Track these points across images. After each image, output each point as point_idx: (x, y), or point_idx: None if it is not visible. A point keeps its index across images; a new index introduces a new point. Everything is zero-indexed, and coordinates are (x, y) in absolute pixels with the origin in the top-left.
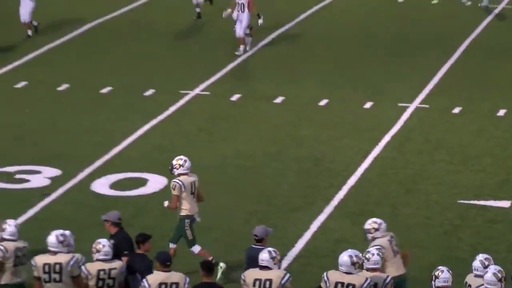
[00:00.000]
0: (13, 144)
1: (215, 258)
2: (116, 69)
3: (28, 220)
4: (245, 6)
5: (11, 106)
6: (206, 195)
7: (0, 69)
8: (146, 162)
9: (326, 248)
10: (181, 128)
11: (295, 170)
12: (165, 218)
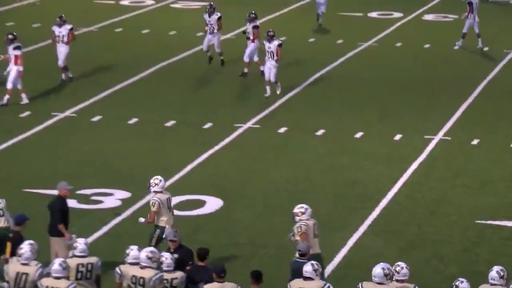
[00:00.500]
0: (90, 170)
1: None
2: (179, 105)
3: (102, 236)
4: (274, 54)
5: (89, 137)
6: (259, 216)
7: (79, 105)
8: (204, 186)
9: (360, 262)
10: (235, 157)
11: (334, 194)
12: (220, 235)
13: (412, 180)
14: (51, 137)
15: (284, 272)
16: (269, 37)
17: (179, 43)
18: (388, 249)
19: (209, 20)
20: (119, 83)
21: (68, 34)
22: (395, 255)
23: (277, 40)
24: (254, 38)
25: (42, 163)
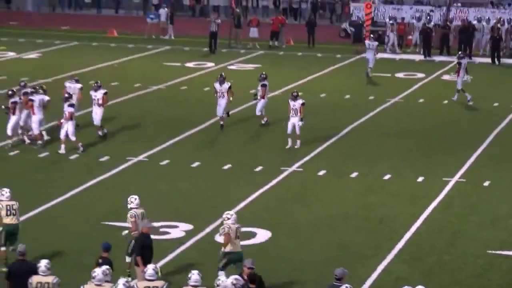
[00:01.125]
0: (159, 206)
1: None
2: (235, 151)
3: (168, 262)
4: (298, 111)
5: (158, 178)
6: (302, 246)
7: (150, 151)
8: (255, 220)
9: (388, 285)
10: (281, 195)
11: (365, 227)
12: (269, 262)
13: (432, 216)
14: (126, 178)
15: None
16: (293, 96)
17: (234, 100)
18: (411, 274)
19: (220, 89)
20: (184, 133)
21: (102, 97)
22: (417, 280)
23: (301, 99)
24: (263, 95)
25: (118, 200)
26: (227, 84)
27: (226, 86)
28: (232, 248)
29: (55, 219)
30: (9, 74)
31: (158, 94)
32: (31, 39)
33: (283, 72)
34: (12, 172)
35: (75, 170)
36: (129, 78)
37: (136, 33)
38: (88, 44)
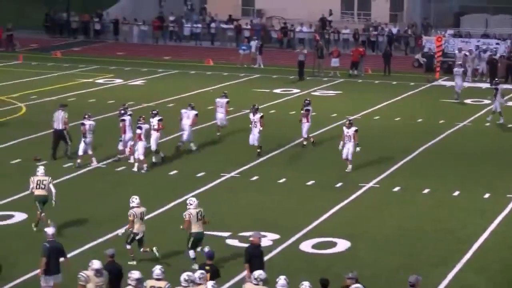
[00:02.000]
0: (250, 217)
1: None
2: (320, 167)
3: None
4: (351, 137)
5: (249, 192)
6: (378, 255)
7: (240, 168)
8: (335, 231)
9: None
10: (359, 209)
11: (436, 238)
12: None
13: (498, 228)
14: (221, 192)
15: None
16: (348, 124)
17: (314, 123)
18: (478, 281)
19: (253, 118)
20: (272, 151)
21: (158, 124)
22: (484, 287)
23: (354, 127)
24: (307, 119)
25: (212, 212)
26: (259, 114)
27: (258, 116)
28: (195, 229)
29: (157, 228)
30: (116, 99)
31: (247, 118)
32: (137, 68)
33: (362, 98)
34: (116, 184)
35: (174, 185)
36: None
37: (230, 62)
38: (187, 72)
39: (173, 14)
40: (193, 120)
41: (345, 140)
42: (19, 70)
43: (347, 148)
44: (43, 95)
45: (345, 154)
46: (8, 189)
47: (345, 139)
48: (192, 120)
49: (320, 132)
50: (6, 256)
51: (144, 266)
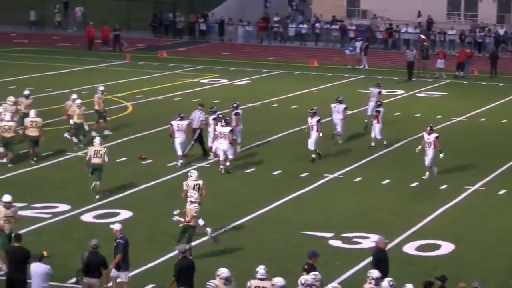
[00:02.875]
0: (352, 218)
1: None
2: (421, 171)
3: (359, 270)
4: (431, 144)
5: (351, 193)
6: (483, 257)
7: (344, 169)
8: (440, 233)
9: None
10: (464, 211)
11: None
12: (452, 271)
13: None
14: (324, 192)
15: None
16: (429, 131)
17: (420, 124)
18: None
19: (311, 122)
20: (376, 152)
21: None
22: None
23: (435, 133)
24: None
25: (315, 212)
26: (316, 117)
27: (315, 120)
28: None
29: (256, 229)
30: (221, 98)
31: (354, 117)
32: (241, 68)
33: (467, 100)
34: (218, 186)
35: (277, 185)
36: (327, 103)
37: (334, 63)
38: (291, 72)
39: (278, 14)
40: (343, 114)
41: (426, 146)
42: (125, 69)
43: (427, 155)
44: (149, 94)
45: (428, 162)
46: (114, 187)
47: (426, 146)
48: (342, 114)
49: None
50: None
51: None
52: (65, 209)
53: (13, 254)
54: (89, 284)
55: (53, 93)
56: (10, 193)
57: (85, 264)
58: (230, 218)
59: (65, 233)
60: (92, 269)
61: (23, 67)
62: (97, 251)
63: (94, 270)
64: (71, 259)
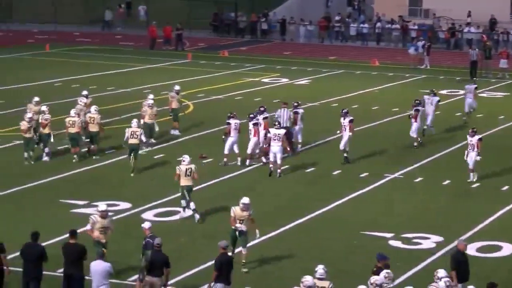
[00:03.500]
0: (411, 219)
1: None
2: (481, 172)
3: (419, 271)
4: (475, 146)
5: (411, 194)
6: None
7: (405, 169)
8: (501, 235)
9: None
10: None
11: None
12: None
13: None
14: (384, 193)
15: None
16: (473, 132)
17: (482, 124)
18: None
19: (343, 122)
20: (439, 152)
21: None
22: None
23: (478, 135)
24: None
25: (375, 212)
26: (348, 118)
27: (347, 120)
28: (183, 182)
29: (315, 229)
30: (282, 98)
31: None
32: (302, 67)
33: None
34: (278, 185)
35: (336, 184)
36: (388, 103)
37: (395, 62)
38: (352, 72)
39: (339, 14)
40: (436, 106)
41: (469, 149)
42: (187, 68)
43: (470, 157)
44: (211, 93)
45: (471, 165)
46: (173, 186)
47: (469, 148)
48: (435, 106)
49: (486, 134)
50: (173, 251)
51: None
52: (126, 207)
53: (67, 250)
54: (151, 283)
55: (116, 92)
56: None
57: (148, 262)
58: (289, 217)
59: (125, 231)
60: (154, 267)
61: (85, 66)
62: (160, 250)
63: (156, 269)
64: (131, 257)
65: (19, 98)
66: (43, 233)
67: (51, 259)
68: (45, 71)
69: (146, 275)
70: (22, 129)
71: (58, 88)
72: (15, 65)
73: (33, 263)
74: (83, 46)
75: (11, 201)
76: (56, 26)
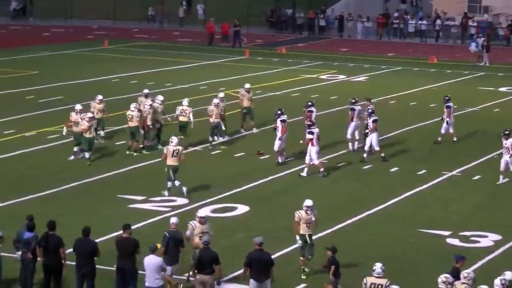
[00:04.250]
0: (470, 218)
1: None
2: None
3: (476, 269)
4: (509, 149)
5: (471, 193)
6: None
7: (462, 167)
8: None
9: None
10: None
11: None
12: None
13: None
14: (441, 190)
15: None
16: (505, 135)
17: None
18: None
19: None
20: (493, 152)
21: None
22: None
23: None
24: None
25: (433, 210)
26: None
27: (371, 120)
28: (170, 162)
29: (372, 226)
30: (339, 94)
31: (472, 115)
32: (360, 64)
33: None
34: (335, 182)
35: (394, 182)
36: None
37: (454, 60)
38: (410, 69)
39: (398, 10)
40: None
41: (504, 151)
42: (245, 65)
43: (504, 160)
44: (268, 90)
45: (503, 166)
46: (232, 181)
47: (504, 151)
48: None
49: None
50: (229, 247)
51: None
52: (183, 203)
53: (121, 244)
54: (202, 281)
55: (173, 88)
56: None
57: (196, 260)
58: (346, 214)
59: (182, 227)
60: (204, 265)
61: (143, 62)
62: (208, 247)
63: (206, 267)
64: (188, 253)
65: (77, 94)
66: (100, 228)
67: (108, 254)
68: (104, 67)
69: (196, 273)
70: (83, 128)
71: (116, 84)
72: (74, 60)
73: (86, 259)
74: (141, 42)
75: (70, 197)
76: (115, 22)
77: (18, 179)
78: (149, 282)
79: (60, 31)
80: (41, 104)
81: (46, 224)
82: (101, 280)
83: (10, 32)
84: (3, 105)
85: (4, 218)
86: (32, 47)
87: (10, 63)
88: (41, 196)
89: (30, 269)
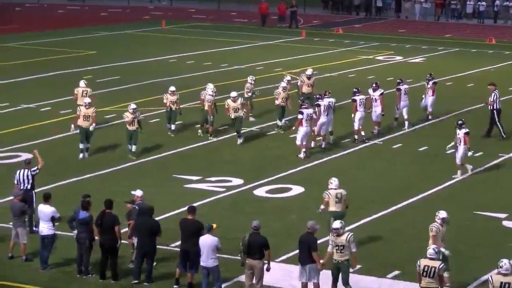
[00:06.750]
0: None
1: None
2: None
3: None
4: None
5: None
6: None
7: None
8: None
9: None
10: None
11: None
12: None
13: None
14: (497, 173)
15: None
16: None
17: None
18: None
19: (373, 95)
20: None
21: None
22: None
23: None
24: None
25: (489, 192)
26: (379, 91)
27: (378, 93)
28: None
29: (427, 208)
30: (395, 76)
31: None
32: (417, 45)
33: None
34: (390, 165)
35: (449, 164)
36: (504, 82)
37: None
38: (468, 50)
39: None
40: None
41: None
42: (301, 46)
43: None
44: (324, 71)
45: None
46: (287, 163)
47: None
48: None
49: None
50: (284, 229)
51: None
52: (238, 183)
53: (185, 226)
54: (251, 265)
55: (229, 69)
56: None
57: (245, 245)
58: (401, 196)
59: (237, 207)
60: (253, 250)
61: (200, 42)
62: (258, 232)
63: (255, 252)
64: (243, 233)
65: (134, 74)
66: (157, 207)
67: (164, 232)
68: (161, 47)
69: (246, 258)
70: (126, 120)
71: (173, 64)
72: (131, 41)
73: (147, 237)
74: (198, 22)
75: (126, 177)
76: (172, 2)
77: (75, 158)
78: (204, 261)
79: (118, 11)
80: (99, 84)
81: (104, 202)
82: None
83: (68, 12)
84: (61, 85)
85: (61, 197)
86: (90, 27)
87: (68, 43)
88: (99, 175)
89: (86, 248)
